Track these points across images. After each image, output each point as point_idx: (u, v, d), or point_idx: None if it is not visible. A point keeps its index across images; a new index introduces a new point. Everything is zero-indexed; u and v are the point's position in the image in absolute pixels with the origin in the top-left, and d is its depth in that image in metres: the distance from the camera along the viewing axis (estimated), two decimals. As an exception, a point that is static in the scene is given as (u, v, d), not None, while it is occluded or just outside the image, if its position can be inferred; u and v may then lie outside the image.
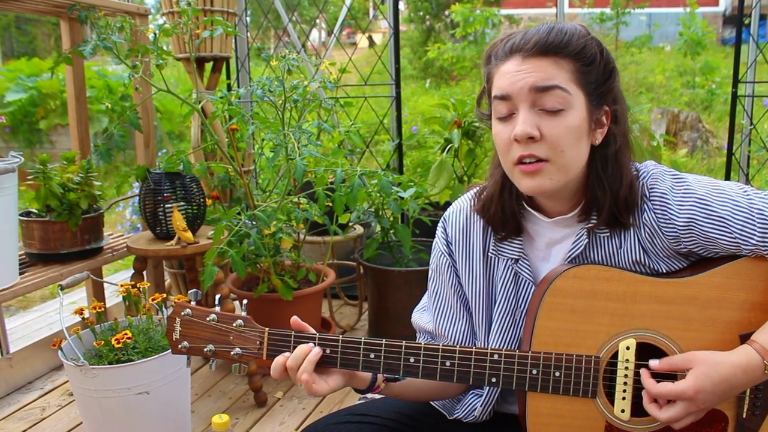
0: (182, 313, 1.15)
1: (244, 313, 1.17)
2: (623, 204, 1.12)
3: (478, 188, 1.28)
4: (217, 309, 1.17)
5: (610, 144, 1.13)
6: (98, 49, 2.34)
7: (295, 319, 1.15)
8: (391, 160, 3.52)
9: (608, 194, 1.12)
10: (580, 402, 1.11)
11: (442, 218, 1.33)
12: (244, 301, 1.25)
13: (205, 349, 1.14)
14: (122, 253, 2.60)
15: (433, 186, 3.13)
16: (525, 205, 1.21)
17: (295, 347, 1.12)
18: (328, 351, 1.12)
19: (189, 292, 1.20)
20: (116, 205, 3.70)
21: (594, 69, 1.09)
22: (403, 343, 1.12)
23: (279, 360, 1.12)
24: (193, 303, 1.18)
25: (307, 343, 1.12)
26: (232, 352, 1.14)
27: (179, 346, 1.15)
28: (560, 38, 1.06)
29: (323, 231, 3.07)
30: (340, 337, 1.13)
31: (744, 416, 1.11)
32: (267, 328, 1.14)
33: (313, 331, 1.14)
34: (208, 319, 1.15)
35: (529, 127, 1.05)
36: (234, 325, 1.14)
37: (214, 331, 1.15)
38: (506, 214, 1.20)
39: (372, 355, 1.12)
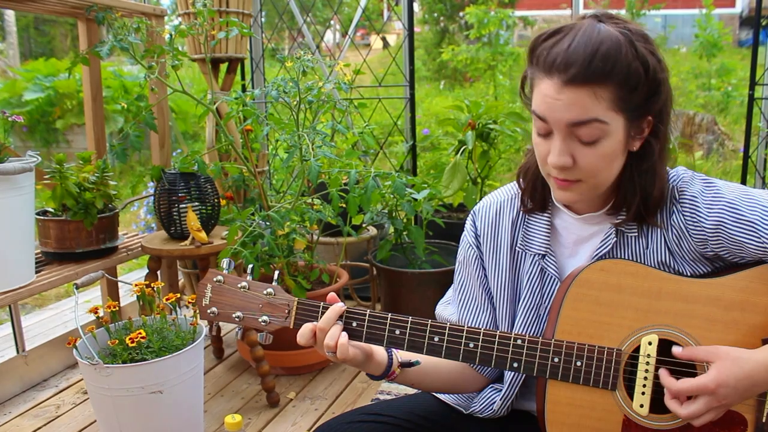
0: (214, 280, 1.17)
1: (275, 284, 1.19)
2: (652, 205, 1.14)
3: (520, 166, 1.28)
4: (249, 278, 1.19)
5: (647, 150, 1.12)
6: (115, 50, 2.35)
7: (332, 295, 1.17)
8: (405, 162, 3.52)
9: (638, 195, 1.13)
10: (599, 393, 1.11)
11: (471, 211, 1.35)
12: (276, 273, 1.25)
13: (234, 315, 1.17)
14: (137, 253, 2.62)
15: (447, 188, 3.13)
16: (555, 202, 1.23)
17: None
18: (354, 324, 1.15)
19: (224, 260, 1.22)
20: (131, 205, 3.73)
21: (637, 92, 1.05)
22: (429, 321, 1.14)
23: (307, 326, 1.14)
24: (226, 271, 1.19)
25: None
26: (260, 320, 1.16)
27: (208, 311, 1.18)
28: (603, 66, 1.02)
29: (337, 232, 3.07)
30: (368, 311, 1.15)
31: (764, 420, 1.10)
32: (296, 298, 1.17)
33: (343, 304, 1.16)
34: (239, 286, 1.17)
35: (563, 160, 1.07)
36: (264, 293, 1.17)
37: (244, 299, 1.17)
38: (537, 186, 1.22)
39: (397, 332, 1.14)
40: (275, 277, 1.22)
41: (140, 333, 1.93)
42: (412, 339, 1.14)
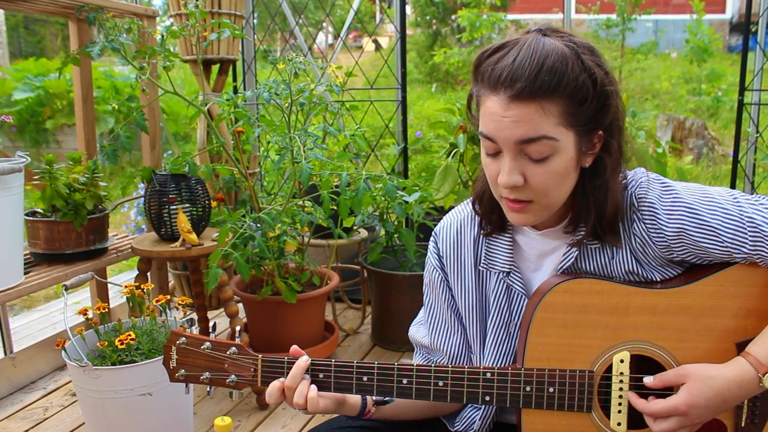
0: (178, 342, 1.17)
1: (238, 340, 1.18)
2: (607, 224, 1.11)
3: (476, 179, 1.26)
4: (212, 336, 1.19)
5: (599, 166, 1.10)
6: (106, 50, 2.35)
7: (295, 348, 1.17)
8: (397, 164, 3.53)
9: (593, 214, 1.11)
10: (575, 416, 1.10)
11: (433, 232, 1.32)
12: (238, 328, 1.25)
13: (202, 377, 1.16)
14: (127, 254, 2.61)
15: (438, 190, 3.13)
16: None
17: (289, 372, 1.14)
18: (321, 375, 1.14)
19: (184, 319, 1.21)
20: (121, 206, 3.71)
21: (586, 107, 1.03)
22: (396, 364, 1.12)
23: (275, 384, 1.13)
24: (188, 331, 1.19)
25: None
26: (227, 380, 1.15)
27: (177, 374, 1.17)
28: (549, 80, 0.99)
29: (328, 234, 3.07)
30: (333, 361, 1.14)
31: (743, 425, 1.10)
32: (260, 355, 1.16)
33: (307, 357, 1.14)
34: (202, 347, 1.16)
35: (513, 178, 1.04)
36: (228, 352, 1.16)
37: (209, 359, 1.16)
38: (494, 210, 1.20)
39: (365, 378, 1.13)
40: (237, 332, 1.23)
41: (130, 335, 1.92)
42: (381, 384, 1.12)
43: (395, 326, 2.93)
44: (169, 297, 2.12)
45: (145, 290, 2.12)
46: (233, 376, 1.15)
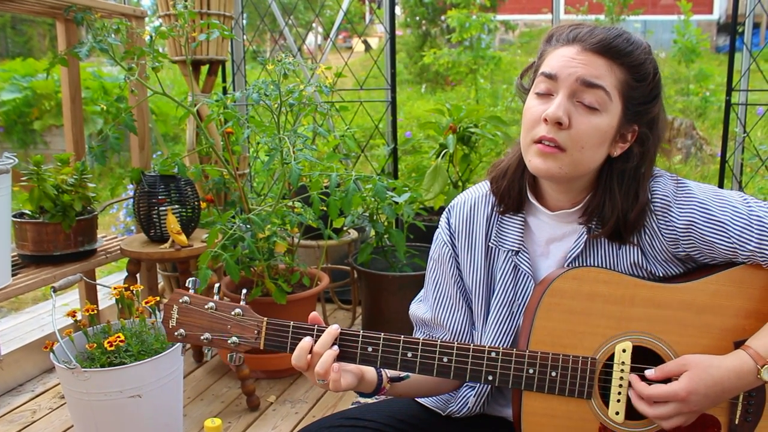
0: (180, 301, 1.15)
1: (243, 303, 1.17)
2: (630, 224, 1.15)
3: (493, 164, 1.30)
4: (216, 298, 1.18)
5: (627, 161, 1.15)
6: (94, 51, 2.33)
7: (314, 314, 1.16)
8: (386, 165, 3.53)
9: (617, 210, 1.14)
10: (575, 403, 1.12)
11: (447, 208, 1.35)
12: (244, 291, 1.23)
13: (202, 337, 1.14)
14: (116, 256, 2.59)
15: (428, 191, 3.14)
16: (529, 196, 1.23)
17: (293, 338, 1.13)
18: None
19: (188, 279, 1.20)
20: (110, 207, 3.70)
21: (642, 87, 1.12)
22: (402, 337, 1.13)
23: (305, 343, 1.11)
24: (191, 291, 1.18)
25: (306, 334, 1.13)
26: (229, 341, 1.14)
27: (176, 333, 1.15)
28: (624, 46, 1.10)
29: (318, 235, 3.07)
30: (340, 329, 1.13)
31: (736, 422, 1.11)
32: (266, 318, 1.15)
33: (338, 326, 1.13)
34: (206, 307, 1.15)
35: (561, 112, 1.08)
36: (232, 313, 1.15)
37: (212, 320, 1.15)
38: (514, 188, 1.23)
39: (370, 349, 1.13)
40: (242, 295, 1.20)
41: (119, 336, 1.91)
42: (385, 356, 1.12)
43: (386, 327, 2.93)
44: (158, 298, 2.12)
45: (134, 292, 2.11)
46: (235, 337, 1.14)
